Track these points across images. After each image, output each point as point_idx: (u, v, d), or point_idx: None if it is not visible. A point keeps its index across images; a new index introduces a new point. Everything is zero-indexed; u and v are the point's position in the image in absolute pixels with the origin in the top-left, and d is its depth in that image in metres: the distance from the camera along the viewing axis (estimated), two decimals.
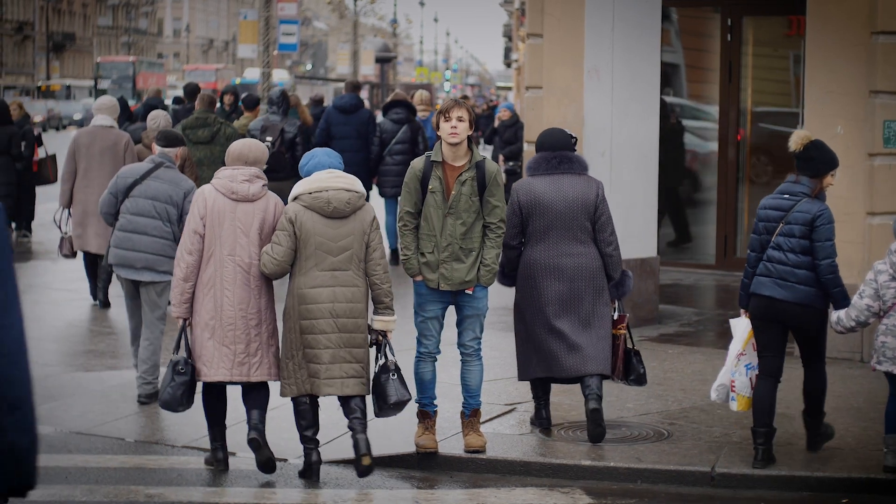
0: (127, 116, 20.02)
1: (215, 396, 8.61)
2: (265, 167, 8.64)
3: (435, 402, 8.88)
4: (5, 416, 3.70)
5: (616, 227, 12.72)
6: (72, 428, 9.47)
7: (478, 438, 8.78)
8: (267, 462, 8.38)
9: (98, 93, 72.97)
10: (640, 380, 9.33)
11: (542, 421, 9.37)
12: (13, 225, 21.30)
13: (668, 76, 17.21)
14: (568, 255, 9.03)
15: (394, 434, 9.22)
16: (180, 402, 8.39)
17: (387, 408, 8.43)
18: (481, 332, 8.86)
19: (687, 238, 17.60)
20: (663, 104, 15.30)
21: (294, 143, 16.46)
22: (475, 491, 8.34)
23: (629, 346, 9.26)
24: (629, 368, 9.25)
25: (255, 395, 8.55)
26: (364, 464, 8.23)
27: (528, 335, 9.16)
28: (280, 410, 9.80)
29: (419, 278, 8.72)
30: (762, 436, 8.52)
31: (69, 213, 13.44)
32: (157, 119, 12.51)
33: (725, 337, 12.89)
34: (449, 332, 9.11)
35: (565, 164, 9.13)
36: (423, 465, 8.74)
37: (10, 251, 3.85)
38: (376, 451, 8.85)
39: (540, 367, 9.15)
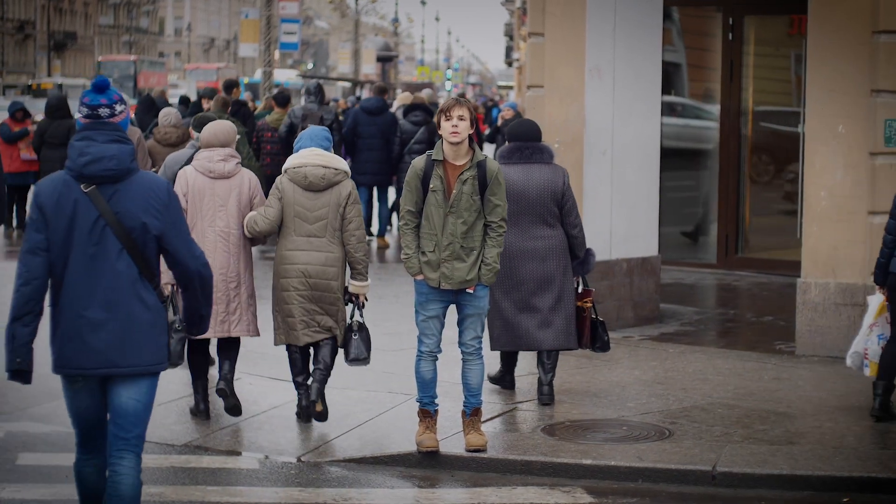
0: (154, 113, 20.29)
1: (199, 353, 9.63)
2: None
3: (436, 401, 8.87)
4: (206, 297, 6.43)
5: (618, 227, 12.84)
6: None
7: (479, 437, 8.77)
8: (233, 408, 9.55)
9: None
10: (605, 346, 10.21)
11: (505, 383, 10.42)
12: (15, 223, 21.34)
13: (670, 75, 17.20)
14: (540, 237, 9.80)
15: (394, 433, 9.23)
16: (181, 356, 9.24)
17: (348, 361, 9.51)
18: (482, 331, 8.85)
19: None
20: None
21: (330, 129, 17.34)
22: (476, 490, 8.33)
23: (594, 317, 10.09)
24: (595, 337, 10.13)
25: (228, 350, 9.61)
26: (317, 410, 9.39)
27: (500, 311, 9.92)
28: (279, 410, 9.81)
29: (420, 277, 8.72)
30: (881, 388, 9.46)
31: None
32: (169, 116, 13.39)
33: (727, 336, 12.93)
34: (450, 332, 9.11)
35: (537, 154, 9.91)
36: (423, 464, 8.73)
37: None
38: (377, 450, 8.87)
39: (511, 341, 10.01)
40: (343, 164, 9.44)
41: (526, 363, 11.42)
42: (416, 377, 8.87)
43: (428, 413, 8.82)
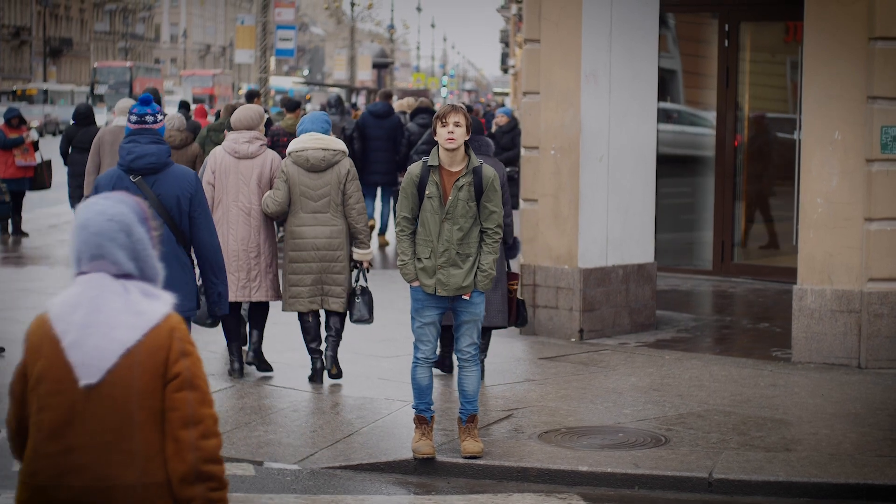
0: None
1: (232, 316, 10.72)
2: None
3: (432, 407, 8.86)
4: (217, 276, 8.10)
5: (614, 233, 12.83)
6: None
7: (475, 444, 8.76)
8: (266, 369, 10.95)
9: (94, 98, 72.84)
10: (524, 321, 10.73)
11: (445, 368, 10.96)
12: (11, 229, 21.32)
13: (666, 82, 17.20)
14: None
15: (391, 440, 9.21)
16: (208, 316, 10.04)
17: (352, 321, 10.66)
18: (478, 337, 8.84)
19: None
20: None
21: (351, 139, 19.00)
22: (472, 497, 8.31)
23: (519, 298, 10.69)
24: (518, 315, 10.62)
25: (256, 319, 10.89)
26: (332, 373, 10.61)
27: None
28: (275, 416, 9.78)
29: (416, 284, 8.70)
30: None
31: None
32: (174, 120, 14.28)
33: (723, 343, 12.92)
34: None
35: (484, 146, 10.59)
36: (419, 470, 8.72)
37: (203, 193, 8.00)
38: (373, 457, 8.86)
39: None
40: (341, 145, 10.55)
41: (523, 370, 11.42)
42: (412, 384, 8.86)
43: (424, 420, 8.80)
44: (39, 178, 21.21)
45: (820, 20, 11.60)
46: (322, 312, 10.96)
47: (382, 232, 20.46)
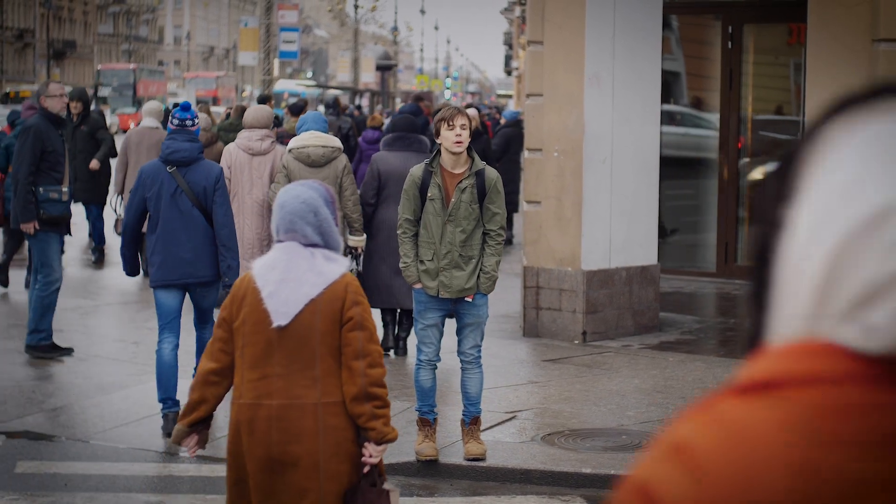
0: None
1: None
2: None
3: (435, 409, 8.86)
4: (227, 250, 9.40)
5: (617, 235, 12.83)
6: (72, 435, 9.45)
7: (478, 446, 8.75)
8: None
9: (98, 100, 72.91)
10: None
11: (390, 342, 11.78)
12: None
13: (669, 84, 17.19)
14: None
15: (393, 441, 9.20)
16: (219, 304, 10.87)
17: None
18: (482, 339, 8.83)
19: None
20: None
21: (347, 136, 20.38)
22: (475, 499, 8.31)
23: None
24: None
25: None
26: None
27: (376, 274, 11.60)
28: None
29: (419, 286, 8.70)
30: None
31: (121, 197, 15.77)
32: (200, 120, 14.94)
33: (726, 345, 12.91)
34: (449, 340, 9.09)
35: (415, 144, 11.74)
36: (423, 472, 8.71)
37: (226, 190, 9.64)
38: None
39: (385, 300, 11.58)
40: (338, 143, 11.42)
41: (526, 372, 11.42)
42: (415, 386, 8.86)
43: (427, 421, 8.80)
44: None
45: (823, 22, 11.60)
46: None
47: None
